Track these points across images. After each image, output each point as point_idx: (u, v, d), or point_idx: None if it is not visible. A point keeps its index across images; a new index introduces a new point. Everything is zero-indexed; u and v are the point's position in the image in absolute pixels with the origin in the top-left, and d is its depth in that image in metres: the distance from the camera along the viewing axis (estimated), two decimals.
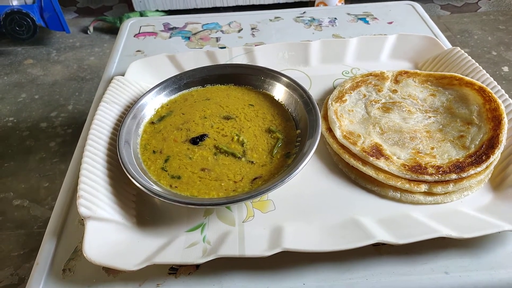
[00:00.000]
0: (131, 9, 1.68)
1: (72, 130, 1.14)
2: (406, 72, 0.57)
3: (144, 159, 0.48)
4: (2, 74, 1.44)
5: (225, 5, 1.70)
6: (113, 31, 1.64)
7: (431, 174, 0.43)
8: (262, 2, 1.73)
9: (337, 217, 0.42)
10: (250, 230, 0.41)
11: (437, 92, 0.54)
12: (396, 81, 0.57)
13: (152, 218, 0.43)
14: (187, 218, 0.43)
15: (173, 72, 0.61)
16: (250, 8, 1.70)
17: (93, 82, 1.33)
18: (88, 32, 1.63)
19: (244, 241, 0.39)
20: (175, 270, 0.39)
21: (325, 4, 1.62)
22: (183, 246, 0.39)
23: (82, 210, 0.39)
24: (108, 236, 0.40)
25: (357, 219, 0.41)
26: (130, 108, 0.52)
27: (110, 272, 0.39)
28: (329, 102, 0.53)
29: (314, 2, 1.71)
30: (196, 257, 0.37)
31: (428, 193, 0.43)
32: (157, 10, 1.67)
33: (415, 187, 0.43)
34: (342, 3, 1.66)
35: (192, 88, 0.58)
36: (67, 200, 0.46)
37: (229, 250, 0.37)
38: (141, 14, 1.61)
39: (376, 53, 0.65)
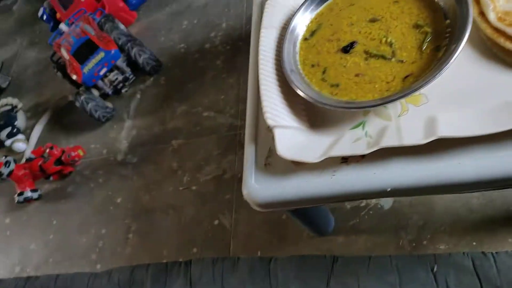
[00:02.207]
0: None
1: (231, 47, 1.30)
2: None
3: (305, 73, 0.56)
4: (163, 5, 1.66)
5: None
6: None
7: None
8: None
9: (492, 102, 0.44)
10: (406, 123, 0.47)
11: None
12: None
13: (321, 121, 0.53)
14: (349, 118, 0.51)
15: None
16: None
17: None
18: None
19: (401, 132, 0.46)
20: (346, 160, 0.49)
21: None
22: (349, 141, 0.49)
23: (270, 122, 0.52)
24: (290, 138, 0.52)
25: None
26: (285, 31, 0.60)
27: (297, 165, 0.52)
28: None
29: None
30: (362, 148, 0.46)
31: None
32: None
33: None
34: None
35: None
36: (254, 115, 0.60)
37: (389, 141, 0.45)
38: None
39: None
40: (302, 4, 0.61)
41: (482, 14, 0.49)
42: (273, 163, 0.54)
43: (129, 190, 1.18)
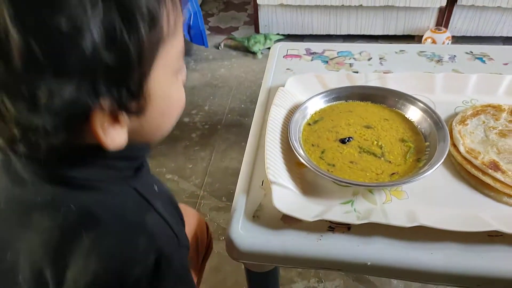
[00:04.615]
0: (256, 31, 1.90)
1: (209, 126, 1.36)
2: None
3: (306, 149, 0.62)
4: None
5: (338, 33, 1.83)
6: (239, 49, 1.87)
7: None
8: (371, 33, 1.83)
9: (460, 212, 0.51)
10: (390, 209, 0.52)
11: None
12: None
13: (313, 192, 0.56)
14: (340, 194, 0.55)
15: (318, 87, 0.75)
16: (360, 38, 1.82)
17: (224, 89, 1.55)
18: (219, 47, 1.88)
19: (387, 215, 0.50)
20: (332, 229, 0.52)
21: (434, 40, 1.67)
22: (340, 212, 0.52)
23: (270, 177, 0.54)
24: (285, 197, 0.54)
25: (477, 215, 0.50)
26: (294, 112, 0.67)
27: (286, 222, 0.53)
28: (454, 124, 0.63)
29: (421, 36, 1.77)
30: (353, 219, 0.50)
31: None
32: (278, 34, 1.87)
33: None
34: (449, 41, 1.70)
35: (337, 101, 0.71)
36: (248, 172, 0.62)
37: (377, 218, 0.49)
38: (265, 36, 1.82)
39: (494, 88, 0.72)
40: (311, 98, 0.69)
41: (454, 145, 0.60)
42: (261, 217, 0.54)
43: None
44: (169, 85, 0.37)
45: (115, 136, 0.34)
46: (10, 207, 0.39)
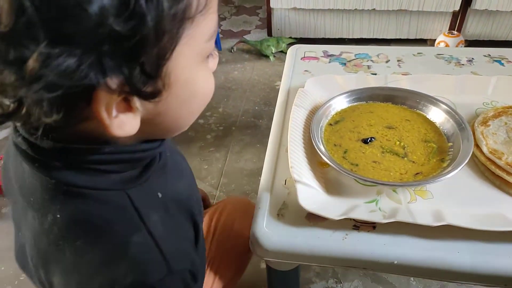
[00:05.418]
0: (269, 34, 1.91)
1: (223, 128, 1.36)
2: None
3: (328, 149, 0.62)
4: None
5: (350, 37, 1.84)
6: (252, 52, 1.88)
7: None
8: (384, 37, 1.83)
9: (486, 212, 0.51)
10: (415, 209, 0.52)
11: None
12: None
13: (337, 192, 0.57)
14: (364, 194, 0.55)
15: (338, 89, 0.75)
16: (373, 41, 1.82)
17: (237, 92, 1.55)
18: (232, 51, 1.89)
19: (413, 214, 0.50)
20: (357, 227, 0.52)
21: (446, 44, 1.67)
22: (366, 210, 0.52)
23: (295, 176, 0.55)
24: (310, 195, 0.54)
25: (503, 214, 0.50)
26: (314, 112, 0.67)
27: (311, 221, 0.53)
28: (476, 125, 0.63)
29: (434, 40, 1.77)
30: (379, 218, 0.50)
31: None
32: (290, 37, 1.88)
33: None
34: (462, 45, 1.69)
35: (358, 102, 0.71)
36: (271, 171, 0.62)
37: (404, 217, 0.49)
38: (278, 40, 1.83)
39: None
40: (331, 99, 0.70)
41: (477, 146, 0.60)
42: (286, 215, 0.55)
43: None
44: (195, 71, 0.33)
45: (125, 122, 0.29)
46: (20, 192, 0.37)
